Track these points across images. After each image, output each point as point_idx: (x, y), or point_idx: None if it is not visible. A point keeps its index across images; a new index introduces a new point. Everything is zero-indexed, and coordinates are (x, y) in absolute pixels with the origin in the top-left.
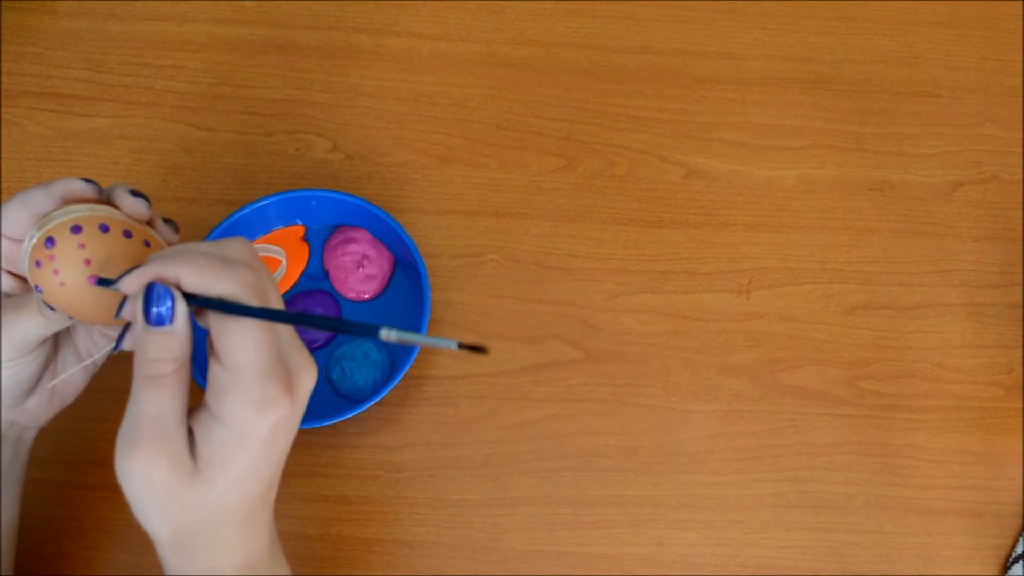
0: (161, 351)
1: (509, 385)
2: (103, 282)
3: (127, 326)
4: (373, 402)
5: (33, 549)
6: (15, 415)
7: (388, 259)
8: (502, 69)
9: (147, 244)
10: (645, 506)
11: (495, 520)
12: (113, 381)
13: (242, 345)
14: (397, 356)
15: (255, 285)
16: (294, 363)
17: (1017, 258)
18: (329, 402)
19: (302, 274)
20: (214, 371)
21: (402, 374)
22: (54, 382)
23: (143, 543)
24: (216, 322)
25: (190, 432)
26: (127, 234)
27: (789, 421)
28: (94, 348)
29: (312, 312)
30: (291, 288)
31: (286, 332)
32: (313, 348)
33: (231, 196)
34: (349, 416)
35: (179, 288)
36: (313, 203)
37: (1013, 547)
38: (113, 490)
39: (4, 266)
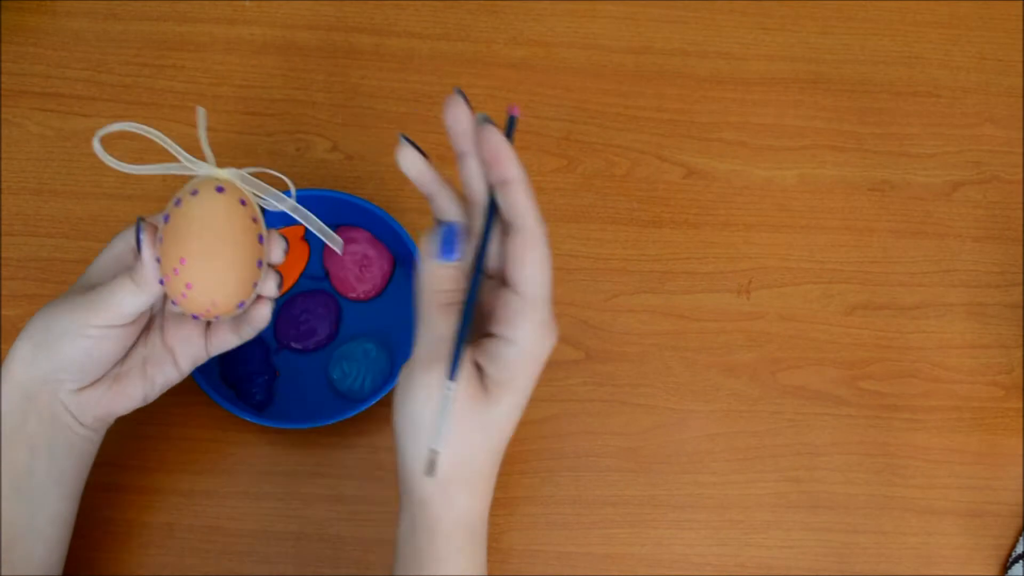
0: (451, 283)
1: None
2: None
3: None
4: (373, 402)
5: None
6: (69, 399)
7: (388, 259)
8: (502, 69)
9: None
10: (645, 506)
11: (495, 520)
12: None
13: (541, 275)
14: (397, 356)
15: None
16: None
17: (1017, 258)
18: (329, 402)
19: (302, 274)
20: (508, 300)
21: None
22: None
23: (144, 543)
24: (517, 252)
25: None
26: (259, 239)
27: (789, 421)
28: (158, 369)
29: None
30: (291, 288)
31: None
32: (312, 349)
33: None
34: (349, 416)
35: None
36: (313, 203)
37: (1013, 547)
38: (115, 489)
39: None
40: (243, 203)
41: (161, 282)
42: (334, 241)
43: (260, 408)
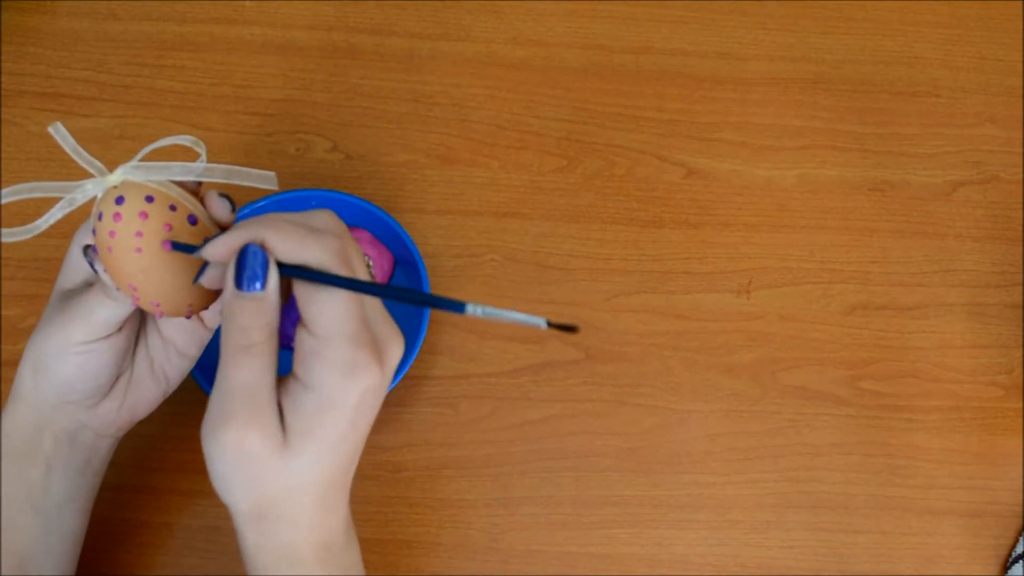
0: (253, 318)
1: (509, 385)
2: (180, 247)
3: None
4: None
5: None
6: (87, 417)
7: (388, 259)
8: (502, 69)
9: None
10: (645, 506)
11: (495, 520)
12: None
13: (330, 311)
14: None
15: (340, 253)
16: (381, 333)
17: (1017, 258)
18: None
19: None
20: (302, 339)
21: (402, 374)
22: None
23: (144, 543)
24: (303, 289)
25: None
26: (192, 220)
27: (789, 421)
28: (167, 363)
29: None
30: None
31: (372, 302)
32: None
33: (231, 196)
34: None
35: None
36: (313, 203)
37: (1013, 547)
38: (115, 489)
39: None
40: (149, 200)
41: (120, 290)
42: (266, 180)
43: None
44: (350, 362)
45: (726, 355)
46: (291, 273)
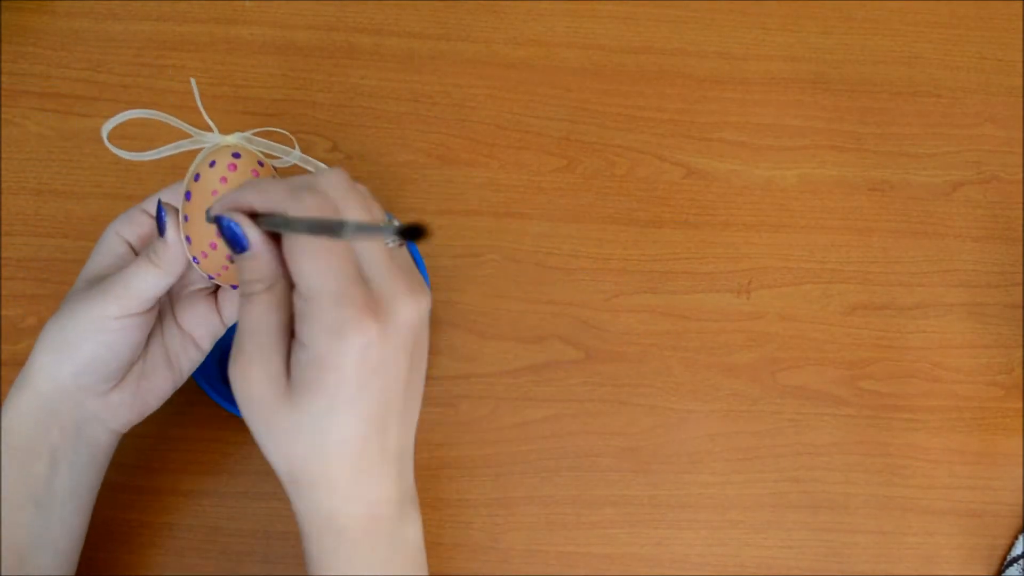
0: (248, 273)
1: (509, 385)
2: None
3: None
4: None
5: None
6: (98, 407)
7: None
8: (502, 69)
9: None
10: (645, 506)
11: (495, 520)
12: None
13: (310, 269)
14: None
15: (321, 209)
16: (386, 289)
17: (1017, 258)
18: None
19: None
20: (294, 299)
21: None
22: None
23: (144, 543)
24: (288, 249)
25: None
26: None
27: (789, 421)
28: (183, 354)
29: None
30: None
31: (379, 257)
32: None
33: None
34: None
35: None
36: None
37: (1010, 548)
38: (115, 489)
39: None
40: (260, 164)
41: (196, 260)
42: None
43: None
44: (335, 322)
45: (726, 355)
46: (272, 226)
